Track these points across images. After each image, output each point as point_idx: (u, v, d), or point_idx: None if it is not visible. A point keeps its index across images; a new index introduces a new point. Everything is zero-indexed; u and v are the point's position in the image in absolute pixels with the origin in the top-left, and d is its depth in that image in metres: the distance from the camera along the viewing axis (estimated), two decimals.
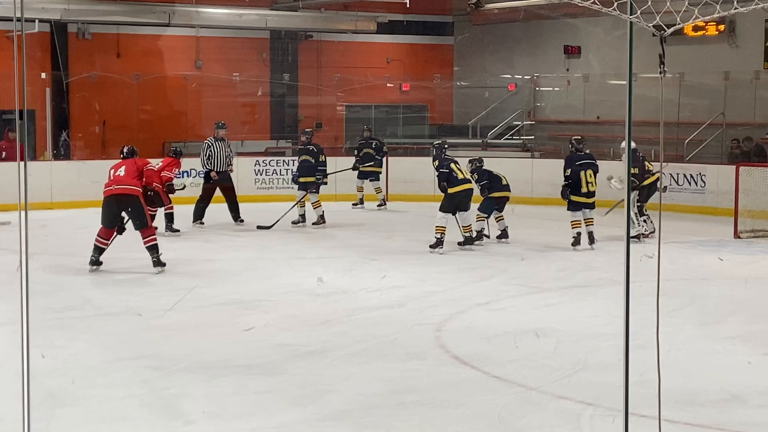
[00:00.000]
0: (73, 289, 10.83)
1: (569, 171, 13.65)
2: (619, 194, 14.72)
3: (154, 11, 21.48)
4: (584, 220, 13.69)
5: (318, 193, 15.87)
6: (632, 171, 14.02)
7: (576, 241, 13.59)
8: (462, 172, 13.45)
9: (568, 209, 13.69)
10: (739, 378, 7.33)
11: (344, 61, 24.88)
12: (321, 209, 15.79)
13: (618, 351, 4.85)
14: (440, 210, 13.34)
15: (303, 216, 15.89)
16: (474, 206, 13.70)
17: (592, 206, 13.73)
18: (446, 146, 13.89)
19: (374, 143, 18.86)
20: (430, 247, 13.25)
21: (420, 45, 26.27)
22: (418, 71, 25.72)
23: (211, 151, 15.68)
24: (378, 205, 18.66)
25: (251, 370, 7.56)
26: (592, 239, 13.70)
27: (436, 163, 13.58)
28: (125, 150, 12.43)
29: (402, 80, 25.69)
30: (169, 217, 14.95)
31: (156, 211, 13.78)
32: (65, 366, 7.65)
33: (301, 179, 15.92)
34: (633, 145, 14.30)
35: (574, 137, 14.36)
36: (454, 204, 13.32)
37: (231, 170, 16.01)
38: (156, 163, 13.58)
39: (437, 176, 13.55)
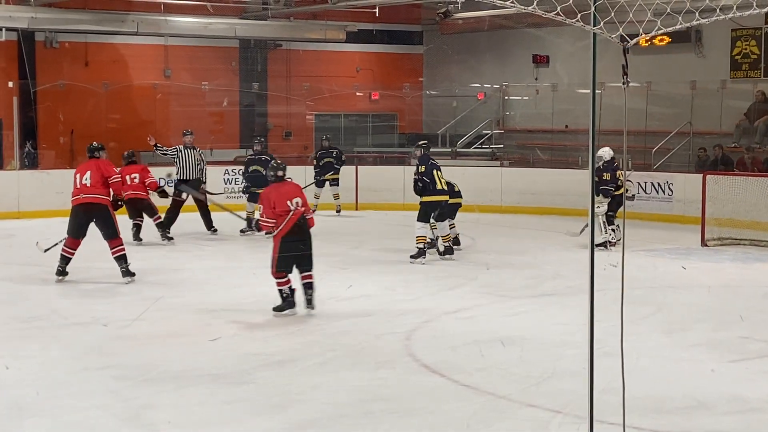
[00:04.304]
0: (40, 299, 10.75)
1: None
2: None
3: (122, 20, 21.41)
4: None
5: None
6: (606, 178, 13.98)
7: None
8: (441, 182, 13.13)
9: None
10: (705, 385, 7.38)
11: (313, 70, 24.88)
12: None
13: (585, 359, 4.87)
14: (418, 220, 13.15)
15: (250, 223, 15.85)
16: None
17: None
18: (430, 148, 13.58)
19: (334, 152, 19.05)
20: (412, 257, 13.13)
21: (389, 54, 26.33)
22: (388, 80, 25.76)
23: (179, 159, 15.56)
24: (337, 211, 18.90)
25: (219, 379, 7.54)
26: None
27: (423, 168, 13.08)
28: (93, 146, 11.99)
29: (371, 89, 25.72)
30: (161, 225, 15.15)
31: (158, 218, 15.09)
32: (31, 376, 7.59)
33: (252, 189, 15.66)
34: (611, 153, 14.31)
35: None
36: (430, 213, 13.16)
37: (204, 182, 15.73)
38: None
39: (417, 179, 13.09)
